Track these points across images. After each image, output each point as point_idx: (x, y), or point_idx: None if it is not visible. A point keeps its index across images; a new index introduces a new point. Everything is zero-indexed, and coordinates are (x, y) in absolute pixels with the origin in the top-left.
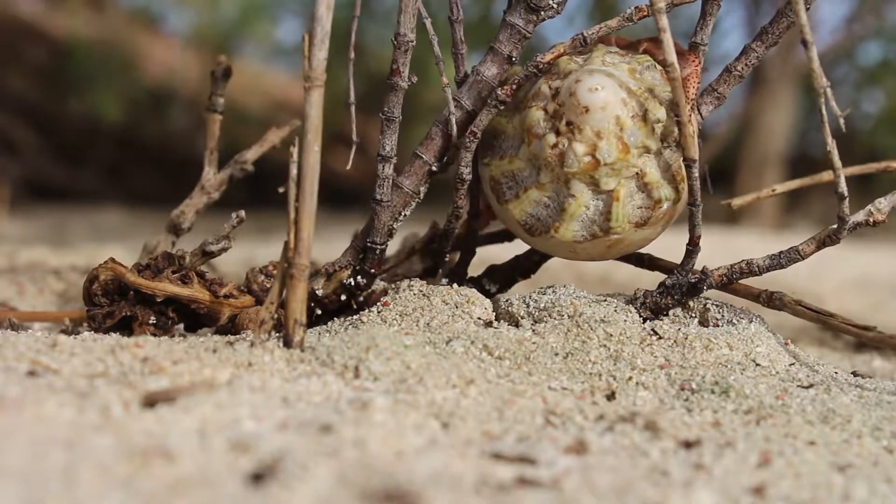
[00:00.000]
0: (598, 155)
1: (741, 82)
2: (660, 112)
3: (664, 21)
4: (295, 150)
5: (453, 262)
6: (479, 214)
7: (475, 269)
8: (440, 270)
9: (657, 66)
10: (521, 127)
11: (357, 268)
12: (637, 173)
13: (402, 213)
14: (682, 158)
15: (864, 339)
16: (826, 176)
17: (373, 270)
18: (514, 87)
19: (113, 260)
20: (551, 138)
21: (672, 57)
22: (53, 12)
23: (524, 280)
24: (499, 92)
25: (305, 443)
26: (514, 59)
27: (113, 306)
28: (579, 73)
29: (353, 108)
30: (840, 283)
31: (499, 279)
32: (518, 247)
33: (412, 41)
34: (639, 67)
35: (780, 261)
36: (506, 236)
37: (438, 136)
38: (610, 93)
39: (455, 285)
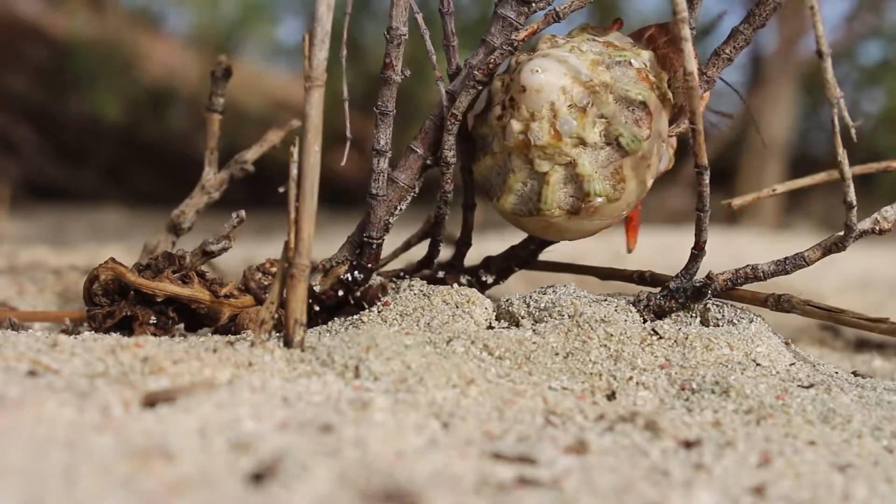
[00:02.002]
0: (529, 135)
1: (730, 65)
2: (605, 108)
3: (686, 30)
4: (295, 150)
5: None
6: (474, 205)
7: (472, 261)
8: (434, 260)
9: (633, 63)
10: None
11: (354, 263)
12: (570, 162)
13: (398, 208)
14: (644, 160)
15: (878, 332)
16: (826, 176)
17: (370, 265)
18: (491, 66)
19: (113, 260)
20: (498, 110)
21: (692, 66)
22: (53, 12)
23: (521, 270)
24: (476, 72)
25: (305, 443)
26: None
27: (113, 306)
28: (536, 54)
29: (346, 105)
30: (840, 283)
31: (495, 270)
32: (514, 238)
33: (404, 34)
34: (608, 61)
35: (785, 266)
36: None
37: (432, 129)
38: (548, 77)
39: (455, 285)
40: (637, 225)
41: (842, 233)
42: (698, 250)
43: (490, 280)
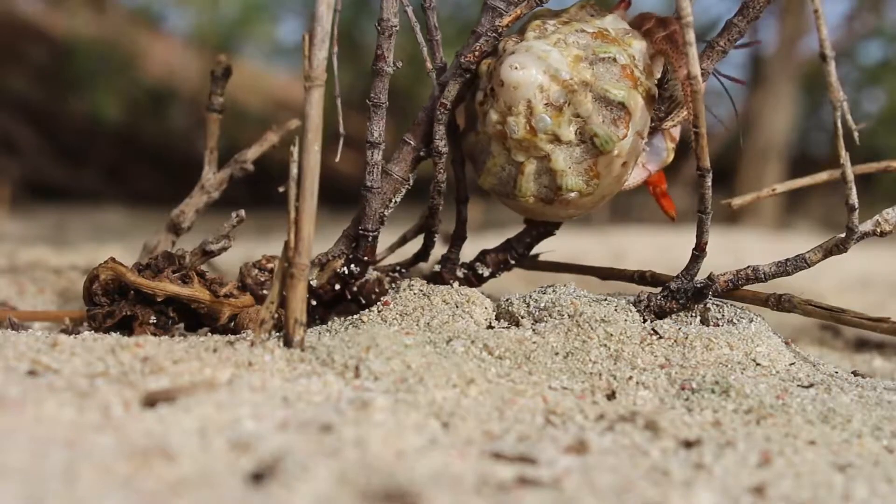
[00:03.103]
0: (506, 128)
1: (724, 57)
2: (582, 107)
3: (691, 35)
4: (295, 150)
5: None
6: (467, 199)
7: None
8: (430, 252)
9: (619, 59)
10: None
11: (350, 257)
12: (545, 156)
13: (393, 200)
14: (620, 160)
15: (878, 331)
16: (826, 176)
17: (366, 258)
18: (477, 53)
19: (113, 259)
20: (480, 95)
21: (696, 70)
22: (53, 12)
23: (519, 265)
24: (461, 60)
25: (305, 443)
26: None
27: (113, 306)
28: (519, 45)
29: (339, 102)
30: (840, 283)
31: (492, 262)
32: (510, 232)
33: (395, 26)
34: (591, 57)
35: (786, 268)
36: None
37: (425, 121)
38: (526, 75)
39: (455, 284)
40: (665, 194)
41: (843, 234)
42: (699, 251)
43: (486, 273)
